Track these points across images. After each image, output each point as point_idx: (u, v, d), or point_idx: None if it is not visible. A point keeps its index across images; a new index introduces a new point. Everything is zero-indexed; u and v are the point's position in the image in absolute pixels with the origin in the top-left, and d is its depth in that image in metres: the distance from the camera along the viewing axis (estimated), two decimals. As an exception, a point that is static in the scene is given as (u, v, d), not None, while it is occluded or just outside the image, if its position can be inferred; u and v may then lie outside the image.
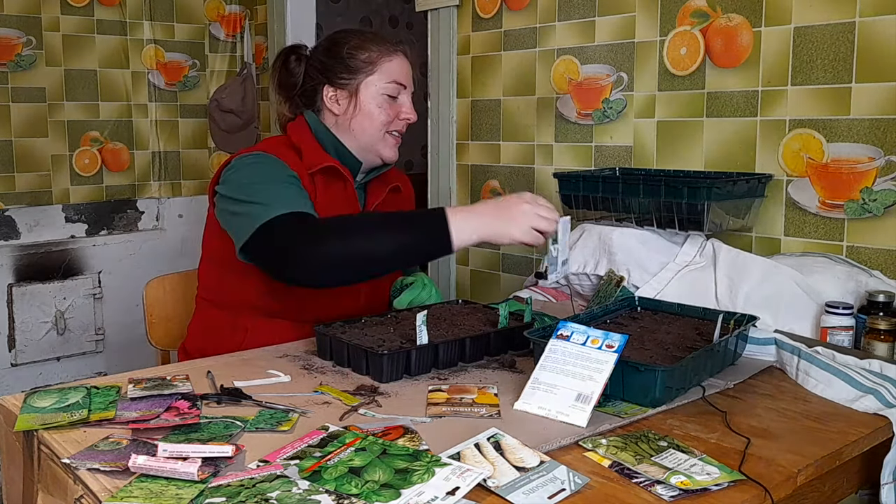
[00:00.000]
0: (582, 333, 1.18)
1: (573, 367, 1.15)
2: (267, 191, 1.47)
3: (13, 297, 3.11)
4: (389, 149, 1.67)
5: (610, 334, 1.16)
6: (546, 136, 2.28)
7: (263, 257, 1.44)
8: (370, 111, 1.62)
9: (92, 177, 3.40)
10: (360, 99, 1.62)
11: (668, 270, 1.67)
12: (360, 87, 1.62)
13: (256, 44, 3.65)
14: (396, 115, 1.65)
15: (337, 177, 1.61)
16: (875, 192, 1.61)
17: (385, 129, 1.64)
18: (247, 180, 1.51)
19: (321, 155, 1.60)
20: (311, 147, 1.61)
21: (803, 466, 0.99)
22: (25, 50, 3.17)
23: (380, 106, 1.62)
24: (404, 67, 1.66)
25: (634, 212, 1.73)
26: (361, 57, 1.62)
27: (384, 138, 1.65)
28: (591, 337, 1.17)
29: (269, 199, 1.44)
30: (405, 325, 1.46)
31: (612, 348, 1.14)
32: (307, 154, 1.59)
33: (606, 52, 2.10)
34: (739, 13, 1.80)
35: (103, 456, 0.97)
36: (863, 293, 1.47)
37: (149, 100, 3.51)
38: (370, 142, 1.64)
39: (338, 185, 1.61)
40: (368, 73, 1.62)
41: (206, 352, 1.58)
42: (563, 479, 0.91)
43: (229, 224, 1.51)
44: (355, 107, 1.62)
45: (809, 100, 1.70)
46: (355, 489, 0.87)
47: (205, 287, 1.68)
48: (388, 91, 1.63)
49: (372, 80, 1.62)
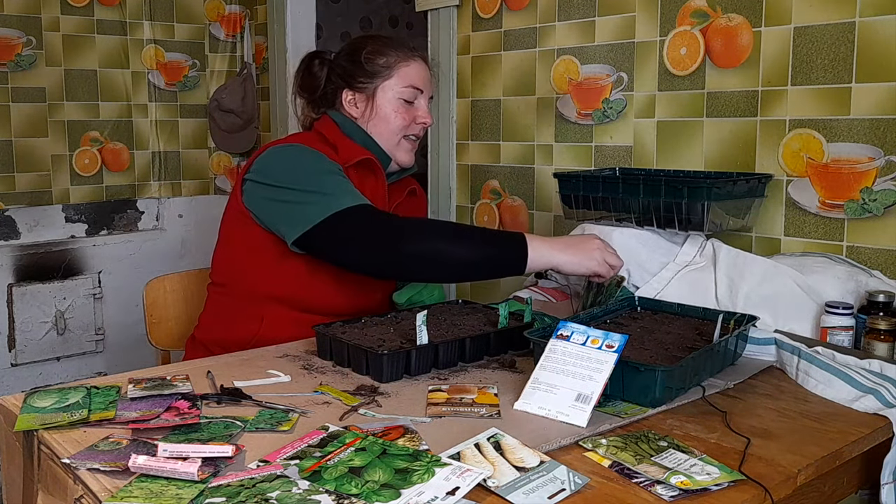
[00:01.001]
0: (582, 333, 1.18)
1: (573, 368, 1.15)
2: (324, 181, 1.49)
3: (13, 297, 3.11)
4: (405, 153, 1.69)
5: (610, 334, 1.16)
6: (546, 136, 2.28)
7: (333, 246, 1.46)
8: (386, 115, 1.65)
9: (92, 177, 3.40)
10: (376, 102, 1.65)
11: (668, 270, 1.67)
12: (377, 91, 1.65)
13: (256, 44, 3.65)
14: (413, 120, 1.67)
15: (370, 171, 1.64)
16: (875, 192, 1.61)
17: (401, 134, 1.67)
18: (297, 170, 1.52)
19: (356, 148, 1.63)
20: (345, 142, 1.63)
21: (803, 466, 0.99)
22: (25, 50, 3.17)
23: (396, 110, 1.65)
24: (422, 72, 1.68)
25: (634, 212, 1.73)
26: (379, 61, 1.65)
27: (400, 143, 1.68)
28: (591, 337, 1.17)
29: (330, 188, 1.47)
30: (405, 325, 1.46)
31: (612, 348, 1.14)
32: (342, 148, 1.61)
33: (606, 52, 2.10)
34: (739, 13, 1.80)
35: (103, 456, 0.97)
36: (863, 293, 1.47)
37: (149, 100, 3.51)
38: (386, 146, 1.67)
39: (370, 180, 1.64)
40: (386, 77, 1.64)
41: (219, 340, 1.59)
42: (563, 479, 0.91)
43: (279, 212, 1.51)
44: (372, 110, 1.65)
45: (809, 100, 1.70)
46: (355, 489, 0.87)
47: (220, 274, 1.68)
48: (405, 95, 1.65)
49: (389, 85, 1.64)
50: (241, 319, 1.59)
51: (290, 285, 1.57)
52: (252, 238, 1.56)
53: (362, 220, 1.45)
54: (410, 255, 1.44)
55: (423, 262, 1.44)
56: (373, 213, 1.47)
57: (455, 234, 1.48)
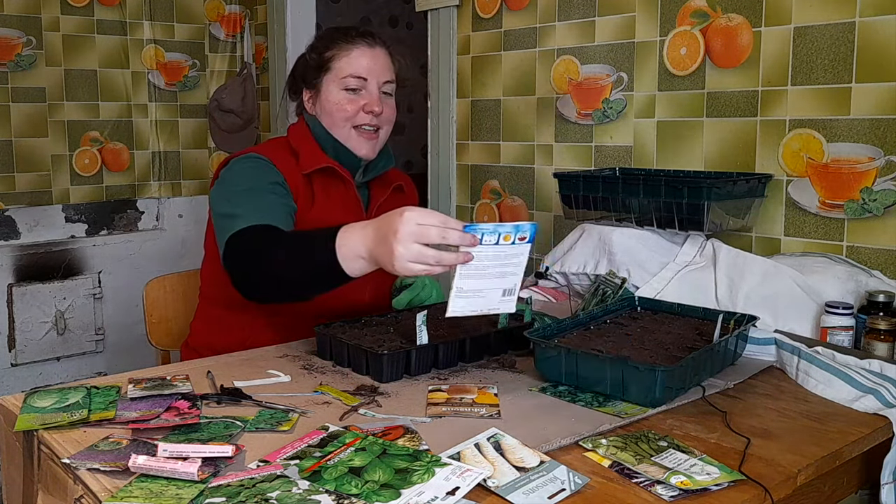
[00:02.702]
0: (492, 233, 1.15)
1: (493, 268, 1.17)
2: (242, 199, 1.47)
3: (13, 297, 3.11)
4: (361, 145, 1.62)
5: (520, 226, 1.16)
6: (546, 136, 2.28)
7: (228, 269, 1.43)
8: (330, 108, 1.62)
9: (92, 177, 3.40)
10: (321, 97, 1.63)
11: (668, 270, 1.67)
12: (321, 86, 1.63)
13: (256, 44, 3.65)
14: (360, 109, 1.61)
15: (336, 177, 1.61)
16: (875, 192, 1.61)
17: (349, 125, 1.61)
18: (230, 187, 1.52)
19: (318, 156, 1.60)
20: (308, 148, 1.61)
21: (803, 466, 0.99)
22: (25, 50, 3.17)
23: (338, 102, 1.61)
24: (363, 59, 1.62)
25: (634, 212, 1.73)
26: (325, 55, 1.63)
27: (351, 134, 1.62)
28: (503, 234, 1.16)
29: (241, 209, 1.45)
30: (405, 325, 1.46)
31: (524, 240, 1.17)
32: (303, 155, 1.59)
33: (606, 52, 2.10)
34: (739, 13, 1.80)
35: (103, 456, 0.97)
36: (863, 293, 1.47)
37: (149, 100, 3.51)
38: (341, 140, 1.62)
39: (338, 186, 1.61)
40: (327, 70, 1.63)
41: (211, 348, 1.58)
42: (563, 479, 0.91)
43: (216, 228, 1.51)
44: (320, 105, 1.63)
45: (809, 100, 1.70)
46: (355, 489, 0.87)
47: (208, 285, 1.69)
48: (348, 85, 1.61)
49: (330, 77, 1.62)
50: (231, 328, 1.60)
51: None
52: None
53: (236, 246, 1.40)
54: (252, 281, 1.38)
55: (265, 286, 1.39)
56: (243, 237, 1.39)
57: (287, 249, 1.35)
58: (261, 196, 1.49)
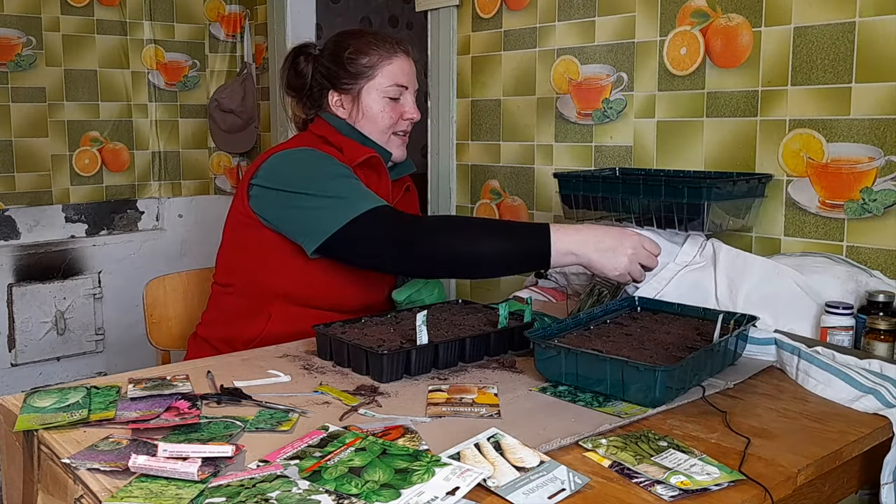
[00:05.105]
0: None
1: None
2: (338, 185, 1.50)
3: (13, 297, 3.11)
4: (396, 148, 1.70)
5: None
6: (546, 136, 2.28)
7: (356, 252, 1.47)
8: (374, 115, 1.66)
9: (92, 177, 3.40)
10: (362, 103, 1.65)
11: (668, 270, 1.67)
12: (361, 92, 1.65)
13: (256, 44, 3.65)
14: (400, 116, 1.68)
15: (373, 169, 1.64)
16: (875, 192, 1.61)
17: (390, 132, 1.68)
18: (309, 175, 1.52)
19: (359, 147, 1.63)
20: (350, 142, 1.64)
21: (803, 466, 0.99)
22: (25, 50, 3.17)
23: (382, 109, 1.66)
24: (405, 68, 1.68)
25: (634, 212, 1.73)
26: (362, 62, 1.64)
27: (390, 140, 1.69)
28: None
29: (346, 192, 1.47)
30: (405, 325, 1.46)
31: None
32: (346, 148, 1.62)
33: (606, 52, 2.10)
34: (739, 13, 1.80)
35: (103, 456, 0.97)
36: (863, 293, 1.47)
37: (149, 100, 3.51)
38: (380, 142, 1.68)
39: (374, 177, 1.64)
40: (369, 77, 1.65)
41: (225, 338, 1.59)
42: (563, 479, 0.91)
43: (294, 219, 1.51)
44: (359, 111, 1.66)
45: (809, 100, 1.70)
46: (355, 489, 0.87)
47: (226, 275, 1.67)
48: (390, 94, 1.66)
49: (373, 85, 1.65)
50: (248, 317, 1.60)
51: (300, 283, 1.57)
52: (261, 240, 1.56)
53: (382, 223, 1.45)
54: (432, 255, 1.44)
55: (446, 261, 1.44)
56: (390, 214, 1.47)
57: (475, 231, 1.45)
58: (354, 182, 1.52)
